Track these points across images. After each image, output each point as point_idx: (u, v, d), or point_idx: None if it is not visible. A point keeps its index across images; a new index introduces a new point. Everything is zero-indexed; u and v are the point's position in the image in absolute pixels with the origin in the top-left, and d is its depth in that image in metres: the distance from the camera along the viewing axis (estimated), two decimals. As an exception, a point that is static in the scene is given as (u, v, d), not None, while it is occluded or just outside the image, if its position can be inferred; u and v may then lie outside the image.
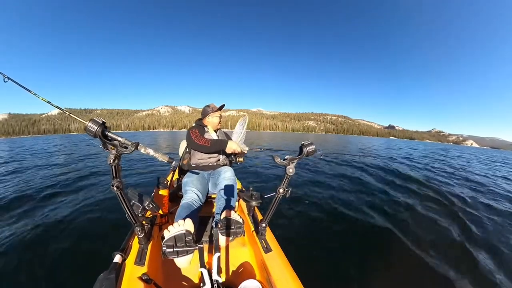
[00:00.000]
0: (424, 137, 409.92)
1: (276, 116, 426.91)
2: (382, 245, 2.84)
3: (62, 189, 4.48)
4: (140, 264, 1.28)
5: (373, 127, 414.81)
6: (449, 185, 5.96)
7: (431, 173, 7.76)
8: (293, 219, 3.32)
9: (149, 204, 1.44)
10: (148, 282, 1.18)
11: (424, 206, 4.13)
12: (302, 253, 2.41)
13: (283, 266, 1.37)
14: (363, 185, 5.55)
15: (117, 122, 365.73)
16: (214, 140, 2.08)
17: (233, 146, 1.98)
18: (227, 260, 1.55)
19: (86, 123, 1.04)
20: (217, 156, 2.30)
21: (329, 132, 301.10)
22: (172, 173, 3.00)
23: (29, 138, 50.23)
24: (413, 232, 3.10)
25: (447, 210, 4.00)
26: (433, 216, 3.68)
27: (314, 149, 1.38)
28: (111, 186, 1.15)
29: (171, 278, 1.41)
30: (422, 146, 40.29)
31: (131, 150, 1.14)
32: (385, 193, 4.91)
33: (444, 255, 2.57)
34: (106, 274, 1.13)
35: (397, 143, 47.49)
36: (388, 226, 3.23)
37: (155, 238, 1.53)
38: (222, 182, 1.89)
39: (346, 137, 78.30)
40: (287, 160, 1.41)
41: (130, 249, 1.39)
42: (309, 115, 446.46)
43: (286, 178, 1.43)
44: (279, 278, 1.27)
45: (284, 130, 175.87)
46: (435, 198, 4.67)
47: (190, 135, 2.12)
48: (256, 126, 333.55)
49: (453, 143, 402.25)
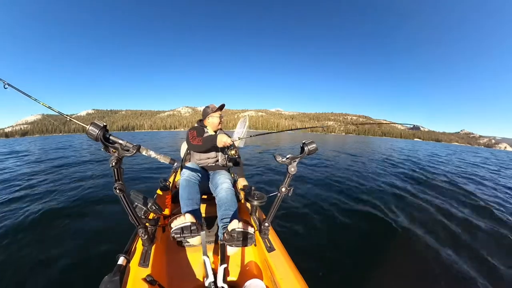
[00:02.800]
0: (452, 139, 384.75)
1: (295, 117, 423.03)
2: (388, 245, 2.78)
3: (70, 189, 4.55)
4: (144, 266, 1.29)
5: (396, 128, 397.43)
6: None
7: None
8: (297, 218, 3.32)
9: (152, 206, 1.45)
10: (153, 283, 1.19)
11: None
12: (305, 252, 2.42)
13: (286, 265, 1.37)
14: (373, 184, 5.47)
15: (141, 122, 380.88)
16: (205, 137, 2.08)
17: (223, 139, 1.93)
18: (231, 260, 1.56)
19: (87, 127, 1.05)
20: (215, 156, 2.29)
21: (349, 133, 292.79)
22: (174, 174, 3.01)
23: (60, 136, 53.30)
24: (424, 232, 3.01)
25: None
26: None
27: (315, 147, 1.40)
28: (114, 189, 1.15)
29: (175, 279, 1.43)
30: (453, 148, 37.95)
31: (133, 153, 1.15)
32: (397, 194, 4.78)
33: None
34: (111, 277, 1.14)
35: (422, 145, 45.19)
36: (400, 226, 3.17)
37: (158, 239, 1.54)
38: (219, 193, 1.84)
39: (367, 139, 75.69)
40: (288, 159, 1.40)
41: (134, 251, 1.41)
42: (329, 115, 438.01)
43: (288, 177, 1.43)
44: (283, 277, 1.27)
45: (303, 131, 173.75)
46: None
47: (188, 136, 2.14)
48: (275, 127, 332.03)
49: (485, 146, 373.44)
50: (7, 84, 1.28)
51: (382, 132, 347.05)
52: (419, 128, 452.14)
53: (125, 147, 1.14)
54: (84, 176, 5.78)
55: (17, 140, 44.55)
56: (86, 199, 3.97)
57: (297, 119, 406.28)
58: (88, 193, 4.28)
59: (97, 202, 3.80)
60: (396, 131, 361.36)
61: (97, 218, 3.20)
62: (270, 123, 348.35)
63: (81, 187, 4.64)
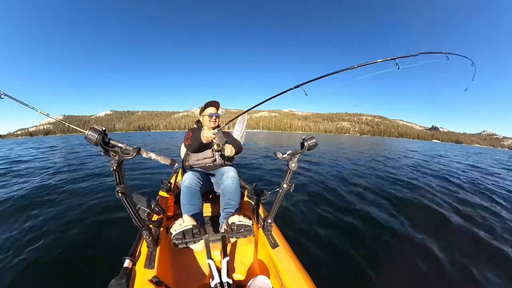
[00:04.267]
0: (473, 141, 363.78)
1: (309, 117, 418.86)
2: (395, 245, 2.71)
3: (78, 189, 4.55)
4: (150, 268, 1.29)
5: (413, 129, 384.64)
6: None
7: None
8: (299, 213, 3.30)
9: (155, 208, 1.46)
10: (159, 284, 1.19)
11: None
12: (309, 248, 2.41)
13: (291, 261, 1.37)
14: (378, 182, 5.48)
15: (156, 123, 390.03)
16: (193, 135, 2.05)
17: (205, 134, 1.87)
18: (235, 257, 1.57)
19: (86, 132, 1.04)
20: (212, 155, 2.26)
21: (364, 133, 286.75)
22: (175, 175, 3.01)
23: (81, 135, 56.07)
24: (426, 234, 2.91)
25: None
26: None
27: (315, 143, 1.41)
28: (116, 192, 1.15)
29: (181, 279, 1.43)
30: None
31: (133, 155, 1.15)
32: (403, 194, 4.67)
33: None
34: (117, 280, 1.15)
35: (442, 147, 43.42)
36: (401, 227, 3.12)
37: (162, 240, 1.55)
38: (224, 182, 1.83)
39: (382, 140, 73.81)
40: (288, 155, 1.41)
41: (139, 253, 1.42)
42: (343, 115, 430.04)
43: (289, 173, 1.44)
44: (288, 273, 1.27)
45: (316, 131, 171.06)
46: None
47: (184, 137, 2.16)
48: (288, 127, 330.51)
49: (509, 148, 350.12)
50: (3, 94, 1.30)
51: (399, 133, 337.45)
52: (438, 128, 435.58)
53: (125, 150, 1.15)
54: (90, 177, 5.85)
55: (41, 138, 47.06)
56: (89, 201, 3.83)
57: (310, 120, 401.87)
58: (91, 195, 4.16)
59: (100, 203, 3.71)
60: (413, 131, 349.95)
61: (100, 219, 3.12)
62: (283, 123, 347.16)
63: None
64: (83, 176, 5.71)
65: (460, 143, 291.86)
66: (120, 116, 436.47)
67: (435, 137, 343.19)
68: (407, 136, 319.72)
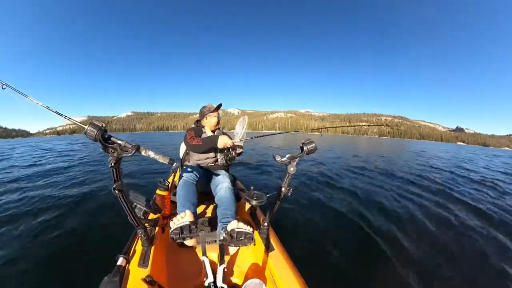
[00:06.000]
0: (502, 144, 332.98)
1: (325, 118, 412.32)
2: (389, 248, 2.64)
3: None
4: (144, 266, 1.30)
5: (436, 130, 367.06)
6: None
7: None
8: (296, 218, 3.28)
9: (151, 207, 1.46)
10: (152, 283, 1.19)
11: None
12: (304, 252, 2.39)
13: (286, 265, 1.38)
14: (376, 186, 5.26)
15: (174, 123, 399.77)
16: (206, 137, 2.07)
17: (224, 140, 1.94)
18: (230, 260, 1.56)
19: (86, 127, 1.04)
20: (214, 156, 2.28)
21: (383, 135, 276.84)
22: (173, 174, 3.03)
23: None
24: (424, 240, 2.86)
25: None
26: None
27: (314, 146, 1.40)
28: (113, 189, 1.15)
29: (175, 279, 1.43)
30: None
31: (132, 153, 1.15)
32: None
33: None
34: (110, 277, 1.16)
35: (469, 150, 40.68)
36: (396, 230, 3.08)
37: (158, 240, 1.56)
38: (219, 192, 1.88)
39: (402, 142, 70.63)
40: (288, 159, 1.39)
41: (133, 252, 1.43)
42: (361, 116, 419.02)
43: (288, 177, 1.43)
44: (282, 277, 1.28)
45: (333, 133, 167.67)
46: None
47: (186, 137, 2.14)
48: (304, 128, 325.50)
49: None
50: (5, 84, 1.31)
51: (420, 134, 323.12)
52: (463, 130, 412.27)
53: (124, 148, 1.15)
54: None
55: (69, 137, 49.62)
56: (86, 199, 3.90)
57: (327, 120, 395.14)
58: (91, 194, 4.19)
59: (95, 201, 3.75)
60: (436, 133, 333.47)
61: (95, 217, 3.14)
62: (299, 124, 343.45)
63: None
64: (82, 174, 5.95)
65: (487, 146, 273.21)
66: (140, 117, 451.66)
67: (460, 139, 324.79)
68: (430, 138, 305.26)
